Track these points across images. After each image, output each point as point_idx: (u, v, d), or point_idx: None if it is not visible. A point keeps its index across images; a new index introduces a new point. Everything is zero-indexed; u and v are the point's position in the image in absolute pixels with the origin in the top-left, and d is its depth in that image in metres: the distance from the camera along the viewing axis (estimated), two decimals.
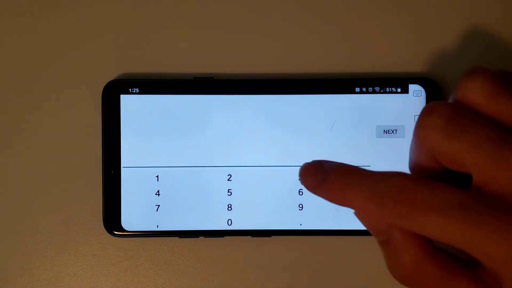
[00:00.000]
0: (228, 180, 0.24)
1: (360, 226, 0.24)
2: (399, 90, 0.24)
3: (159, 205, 0.24)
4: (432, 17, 0.25)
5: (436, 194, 0.16)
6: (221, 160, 0.24)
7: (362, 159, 0.24)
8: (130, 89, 0.24)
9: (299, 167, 0.24)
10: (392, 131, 0.24)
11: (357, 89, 0.24)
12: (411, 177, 0.17)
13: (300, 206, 0.24)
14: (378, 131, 0.24)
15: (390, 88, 0.24)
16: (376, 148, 0.24)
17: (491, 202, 0.15)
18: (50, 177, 0.25)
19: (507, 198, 0.15)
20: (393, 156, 0.24)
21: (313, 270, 0.25)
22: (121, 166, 0.24)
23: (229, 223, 0.24)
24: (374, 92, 0.24)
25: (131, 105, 0.24)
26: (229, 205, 0.24)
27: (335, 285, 0.25)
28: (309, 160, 0.24)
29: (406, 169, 0.24)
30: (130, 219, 0.24)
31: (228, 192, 0.24)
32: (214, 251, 0.25)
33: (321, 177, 0.19)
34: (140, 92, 0.24)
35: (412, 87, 0.24)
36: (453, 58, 0.24)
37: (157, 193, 0.24)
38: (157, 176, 0.24)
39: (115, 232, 0.24)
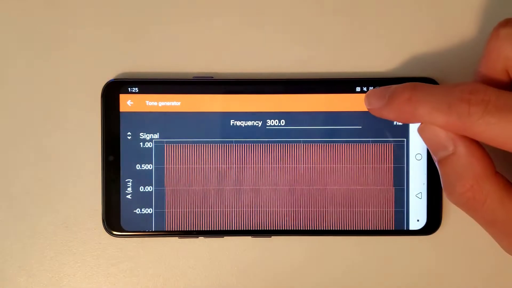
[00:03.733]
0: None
1: (360, 226, 0.24)
2: None
3: (159, 205, 0.24)
4: (433, 18, 0.24)
5: (510, 98, 0.16)
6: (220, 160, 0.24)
7: (362, 159, 0.24)
8: (129, 89, 0.24)
9: (298, 167, 0.24)
10: (393, 131, 0.24)
11: (358, 89, 0.24)
12: (482, 83, 0.17)
13: (300, 206, 0.24)
14: (379, 131, 0.24)
15: None
16: (376, 148, 0.24)
17: None
18: (50, 177, 0.25)
19: None
20: (394, 157, 0.24)
21: (313, 270, 0.25)
22: (121, 166, 0.24)
23: (229, 223, 0.24)
24: None
25: (131, 104, 0.24)
26: (229, 205, 0.24)
27: (335, 285, 0.25)
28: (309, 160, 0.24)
29: (407, 169, 0.24)
30: (130, 219, 0.24)
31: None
32: (214, 251, 0.25)
33: (388, 95, 0.19)
34: (140, 92, 0.24)
35: None
36: (454, 59, 0.24)
37: (157, 193, 0.24)
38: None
39: (115, 233, 0.24)
